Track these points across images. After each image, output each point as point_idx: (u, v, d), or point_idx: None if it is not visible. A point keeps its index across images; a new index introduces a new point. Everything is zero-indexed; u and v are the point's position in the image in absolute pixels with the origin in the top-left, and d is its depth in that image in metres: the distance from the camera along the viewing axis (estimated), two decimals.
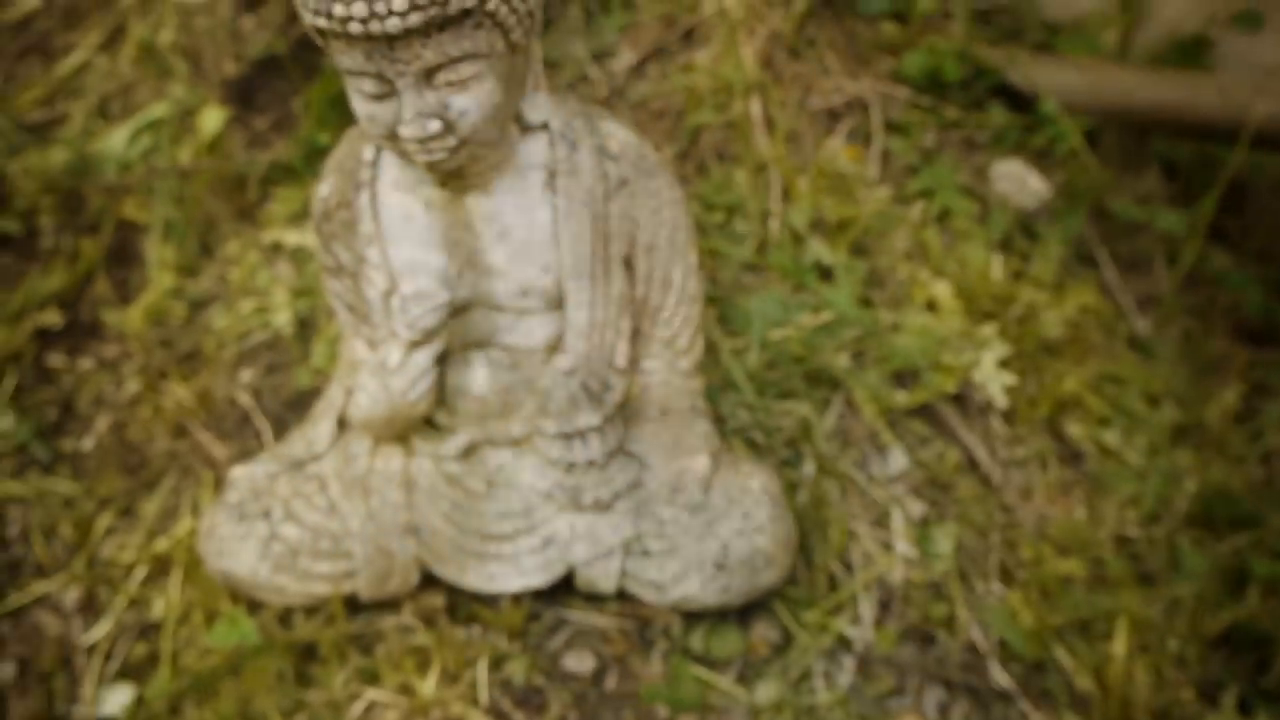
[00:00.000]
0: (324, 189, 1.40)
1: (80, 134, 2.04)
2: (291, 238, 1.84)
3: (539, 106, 1.31)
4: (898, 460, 1.60)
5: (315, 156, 1.85)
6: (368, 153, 1.37)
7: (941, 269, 1.75)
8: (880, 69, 1.97)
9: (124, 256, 1.94)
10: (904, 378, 1.66)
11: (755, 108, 1.84)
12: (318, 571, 1.44)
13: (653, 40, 1.94)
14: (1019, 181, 1.91)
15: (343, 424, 1.50)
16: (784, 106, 1.86)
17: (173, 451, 1.74)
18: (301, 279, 1.81)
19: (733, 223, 1.77)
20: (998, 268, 1.79)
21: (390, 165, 1.36)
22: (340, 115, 1.82)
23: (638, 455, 1.43)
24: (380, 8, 1.09)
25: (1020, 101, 1.98)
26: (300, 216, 1.87)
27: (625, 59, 1.93)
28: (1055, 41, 2.05)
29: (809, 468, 1.57)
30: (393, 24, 1.10)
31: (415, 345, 1.38)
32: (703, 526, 1.38)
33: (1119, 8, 2.09)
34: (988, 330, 1.69)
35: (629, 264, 1.41)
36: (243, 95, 2.03)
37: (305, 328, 1.78)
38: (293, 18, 2.06)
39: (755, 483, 1.40)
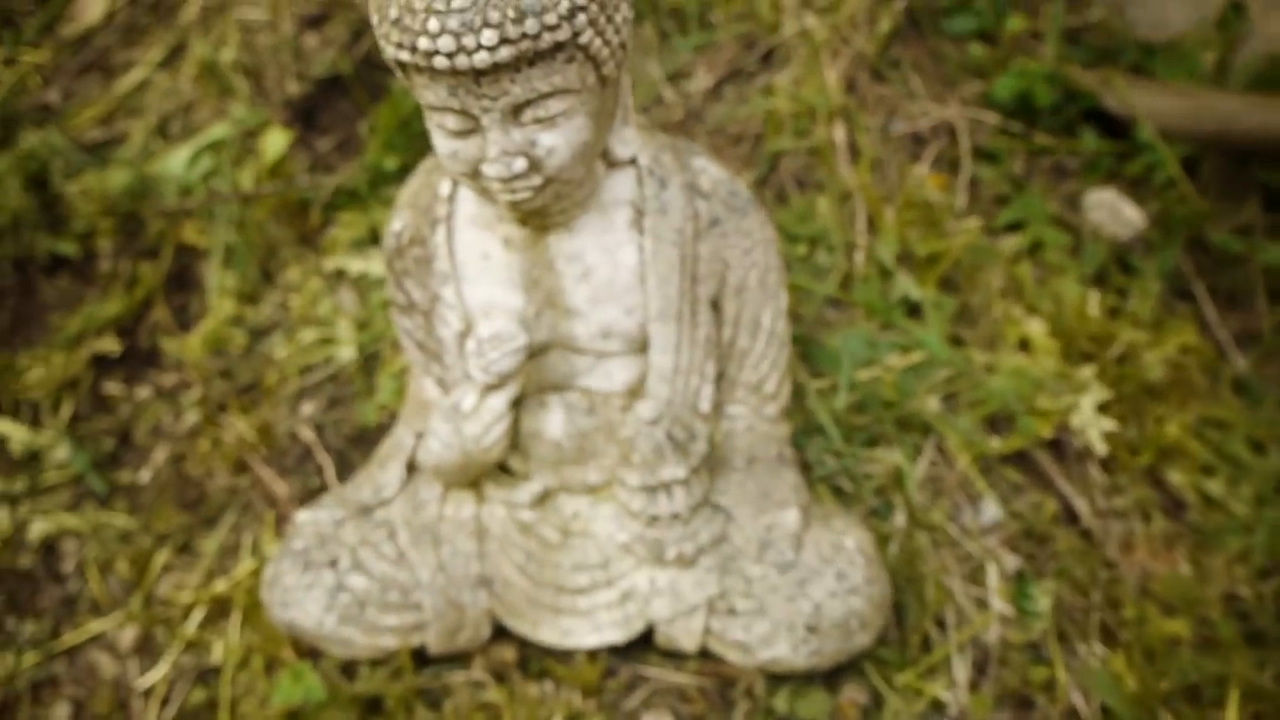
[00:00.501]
0: (397, 224, 1.34)
1: (139, 154, 2.00)
2: (355, 265, 1.78)
3: (627, 141, 1.24)
4: (991, 510, 1.52)
5: (381, 182, 1.79)
6: (444, 187, 1.30)
7: (1035, 306, 1.67)
8: (967, 92, 1.88)
9: (183, 282, 1.89)
10: (997, 422, 1.58)
11: (839, 133, 1.76)
12: (386, 624, 1.37)
13: (730, 61, 1.86)
14: (1113, 211, 1.82)
15: (411, 468, 1.43)
16: (867, 132, 1.77)
17: (232, 487, 1.68)
18: (365, 308, 1.75)
19: (815, 255, 1.69)
20: (1093, 304, 1.70)
21: (467, 200, 1.30)
22: (408, 140, 1.76)
23: (723, 508, 1.35)
24: (468, 41, 1.02)
25: (1114, 127, 1.89)
26: (364, 243, 1.80)
27: (701, 80, 1.86)
28: (1151, 63, 1.95)
29: (900, 518, 1.48)
30: (481, 59, 1.03)
31: (490, 389, 1.32)
32: (794, 586, 1.30)
33: (1217, 26, 1.99)
34: (1085, 372, 1.60)
35: (716, 305, 1.33)
36: (305, 115, 1.97)
37: (369, 360, 1.72)
38: (357, 35, 2.00)
39: (850, 540, 1.32)
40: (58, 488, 1.77)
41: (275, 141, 1.83)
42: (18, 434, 1.81)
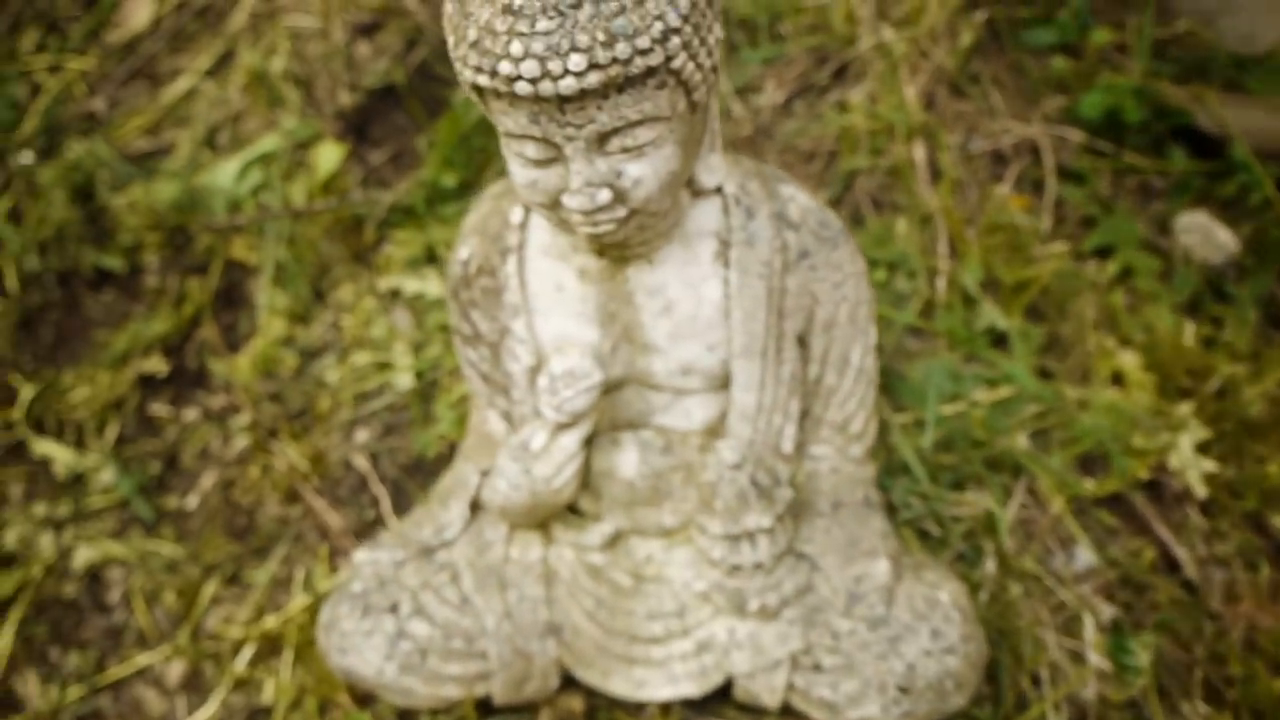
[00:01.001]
0: (464, 252, 1.27)
1: (186, 165, 1.93)
2: (410, 285, 1.71)
3: (714, 169, 1.16)
4: (1085, 556, 1.43)
5: (439, 199, 1.72)
6: (515, 214, 1.23)
7: (1127, 336, 1.58)
8: (1049, 108, 1.79)
9: (232, 299, 1.83)
10: (1091, 462, 1.49)
11: (919, 152, 1.68)
12: (448, 673, 1.30)
13: (801, 75, 1.78)
14: (1205, 235, 1.73)
15: (475, 506, 1.36)
16: (948, 150, 1.69)
17: (283, 517, 1.62)
18: (421, 331, 1.68)
19: (894, 281, 1.61)
20: (1188, 334, 1.61)
21: (540, 229, 1.22)
22: (468, 156, 1.69)
23: (808, 556, 1.27)
24: (554, 66, 0.95)
25: (1205, 145, 1.80)
26: (419, 262, 1.73)
27: (771, 95, 1.78)
28: (1243, 78, 1.85)
29: (990, 565, 1.40)
30: (567, 85, 0.96)
31: (562, 427, 1.25)
32: (885, 644, 1.22)
33: None
34: (1183, 409, 1.51)
35: (802, 341, 1.25)
36: (357, 127, 1.90)
37: (426, 385, 1.65)
38: (411, 44, 1.93)
39: (944, 595, 1.24)
40: (103, 512, 1.71)
41: (329, 156, 1.76)
42: (62, 455, 1.75)
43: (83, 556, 1.66)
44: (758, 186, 1.19)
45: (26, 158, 1.99)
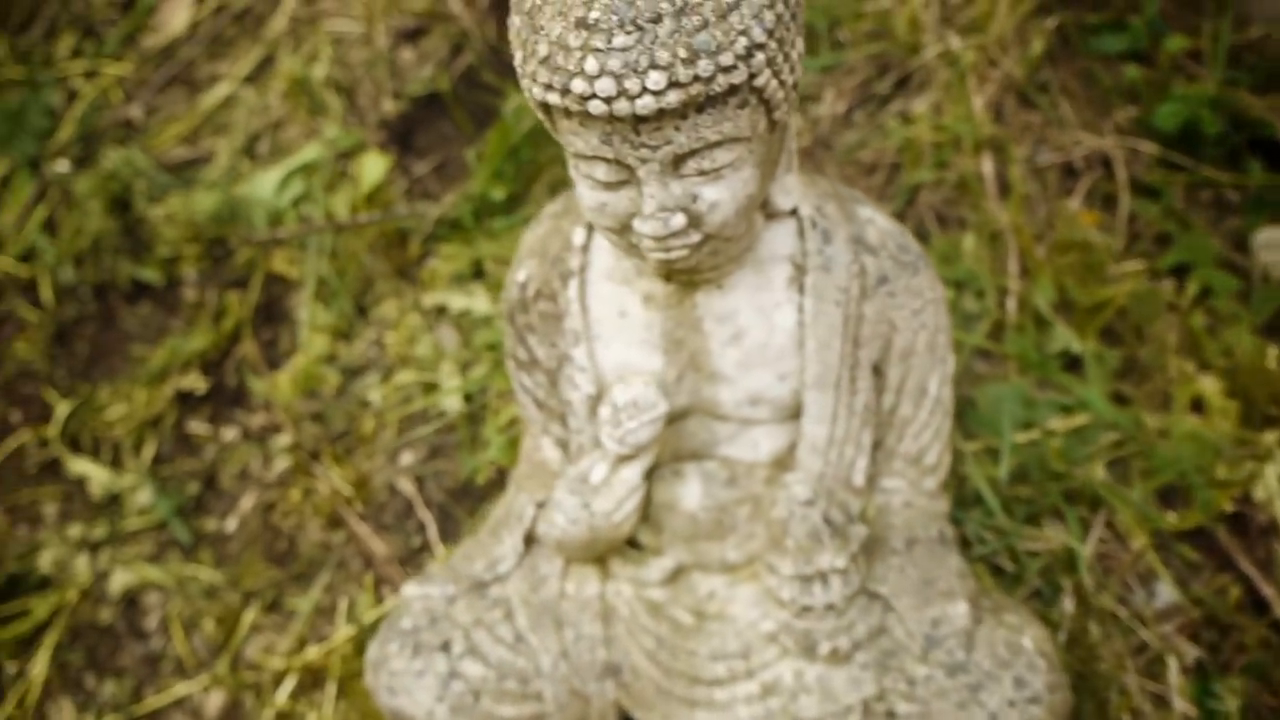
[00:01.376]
0: (521, 274, 1.21)
1: (225, 175, 1.88)
2: (457, 301, 1.65)
3: (789, 190, 1.09)
4: (1166, 593, 1.36)
5: (487, 212, 1.67)
6: (577, 236, 1.17)
7: (1208, 360, 1.50)
8: (1121, 118, 1.71)
9: (272, 315, 1.77)
10: (1171, 494, 1.42)
11: (986, 165, 1.61)
12: (502, 715, 1.24)
13: (862, 85, 1.71)
14: None
15: (529, 539, 1.30)
16: (1017, 163, 1.62)
17: (325, 542, 1.56)
18: (469, 350, 1.62)
19: (962, 300, 1.54)
20: (1271, 358, 1.53)
21: (603, 251, 1.16)
22: (518, 168, 1.63)
23: (882, 596, 1.21)
24: (631, 85, 0.89)
25: None
26: (466, 278, 1.68)
27: (831, 105, 1.71)
28: None
29: (1068, 603, 1.33)
30: (645, 104, 0.89)
31: (623, 460, 1.18)
32: (965, 692, 1.15)
33: None
34: (1268, 437, 1.44)
35: (877, 370, 1.19)
36: (401, 136, 1.85)
37: (474, 406, 1.59)
38: (457, 50, 1.88)
39: (1028, 640, 1.17)
40: (140, 534, 1.66)
41: (373, 167, 1.70)
42: (98, 475, 1.71)
43: (119, 580, 1.61)
44: (835, 208, 1.13)
45: (62, 166, 1.94)
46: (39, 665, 1.57)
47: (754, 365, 1.15)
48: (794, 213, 1.12)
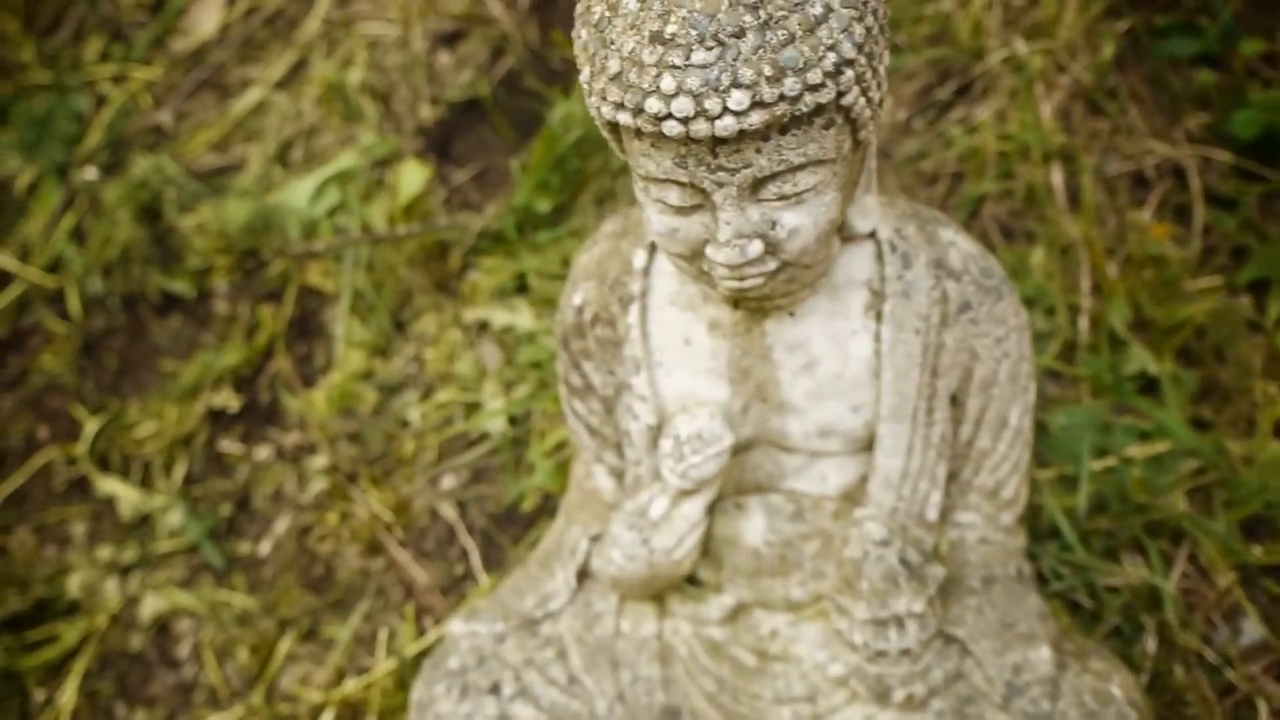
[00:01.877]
0: (578, 298, 1.14)
1: (257, 184, 1.82)
2: (500, 317, 1.58)
3: (868, 212, 1.02)
4: (1253, 631, 1.29)
5: (531, 224, 1.60)
6: (638, 258, 1.10)
7: None
8: (1193, 125, 1.63)
9: (306, 329, 1.71)
10: (1256, 525, 1.35)
11: (1056, 176, 1.53)
12: None
13: (922, 91, 1.64)
14: None
15: (582, 574, 1.23)
16: (1088, 173, 1.54)
17: (364, 569, 1.50)
18: (513, 368, 1.55)
19: (1031, 318, 1.46)
20: None
21: (666, 275, 1.10)
22: (564, 179, 1.56)
23: (958, 640, 1.14)
24: (712, 105, 0.82)
25: None
26: (509, 292, 1.61)
27: (889, 112, 1.64)
28: None
29: (1149, 643, 1.26)
30: (725, 125, 0.83)
31: (685, 494, 1.12)
32: None
33: None
34: None
35: (955, 400, 1.12)
36: (439, 144, 1.79)
37: (519, 428, 1.52)
38: (497, 54, 1.81)
39: (1116, 689, 1.10)
40: (171, 557, 1.61)
41: (412, 177, 1.64)
42: (128, 495, 1.65)
43: (150, 606, 1.56)
44: (915, 230, 1.06)
45: (90, 174, 1.89)
46: (68, 693, 1.52)
47: (826, 396, 1.09)
48: (872, 235, 1.05)
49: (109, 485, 1.66)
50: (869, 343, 1.07)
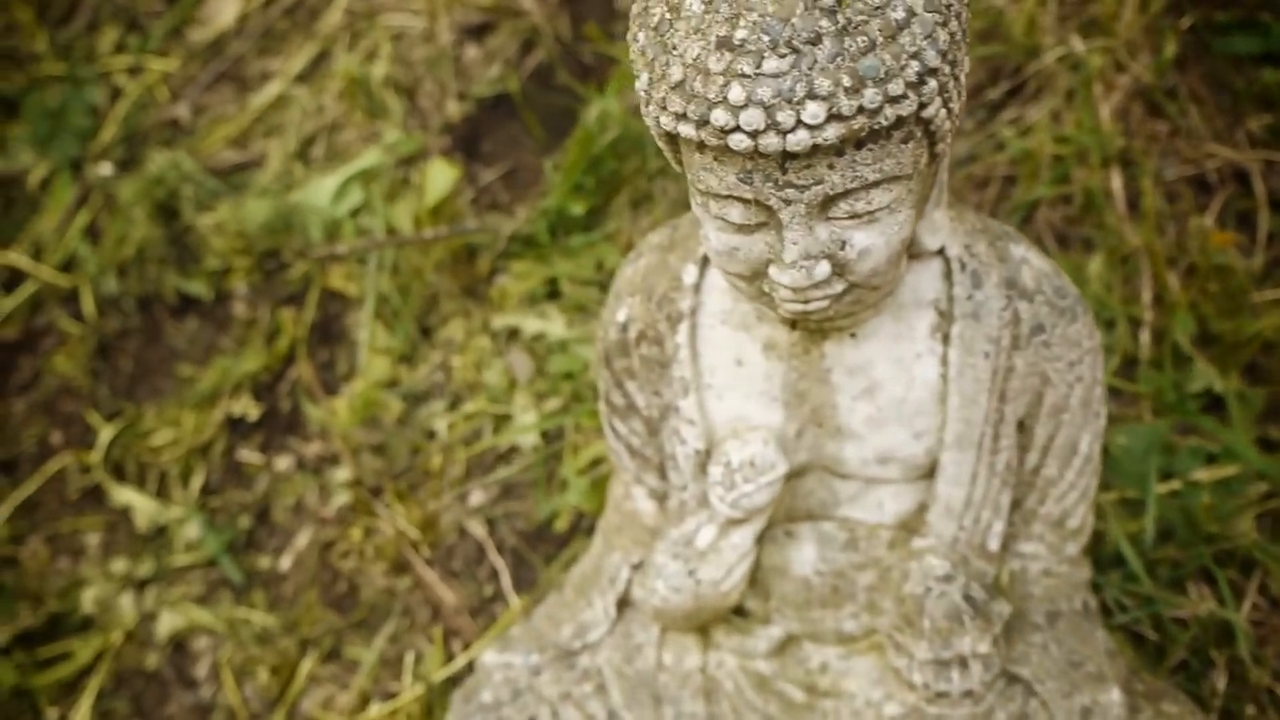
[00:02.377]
0: (622, 314, 1.08)
1: (277, 181, 1.76)
2: (530, 324, 1.52)
3: (938, 228, 0.96)
4: None
5: (564, 228, 1.53)
6: (688, 274, 1.03)
7: None
8: (1255, 127, 1.56)
9: (329, 335, 1.65)
10: None
11: (1115, 180, 1.46)
12: None
13: (972, 91, 1.57)
14: None
15: (622, 602, 1.17)
16: (1149, 178, 1.47)
17: (390, 588, 1.45)
18: (544, 379, 1.49)
19: None
20: None
21: (717, 293, 1.03)
22: (599, 181, 1.50)
23: (1023, 679, 1.07)
24: (784, 118, 0.75)
25: None
26: (539, 298, 1.55)
27: None
28: None
29: (1219, 679, 1.19)
30: (798, 140, 0.76)
31: (734, 523, 1.06)
32: None
33: None
34: None
35: (1022, 425, 1.05)
36: (467, 141, 1.72)
37: (550, 441, 1.46)
38: (527, 48, 1.75)
39: None
40: (188, 571, 1.55)
41: (440, 177, 1.57)
42: (143, 505, 1.60)
43: (167, 623, 1.50)
44: (985, 247, 0.99)
45: (105, 170, 1.83)
46: (81, 713, 1.47)
47: (887, 422, 1.02)
48: (940, 252, 0.98)
49: (124, 495, 1.61)
50: (935, 366, 1.00)
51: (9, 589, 1.57)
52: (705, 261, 1.03)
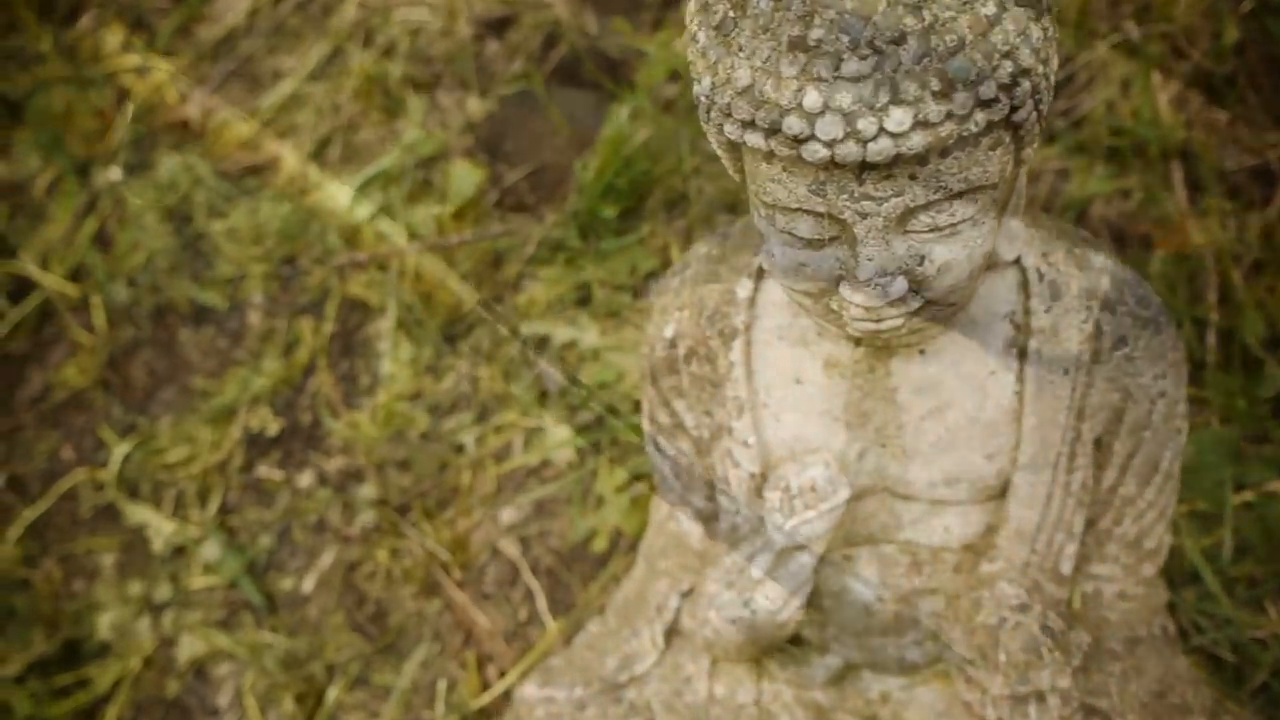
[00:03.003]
0: (670, 330, 1.01)
1: (292, 184, 1.69)
2: (561, 332, 1.45)
3: (1014, 237, 0.89)
4: None
5: (594, 231, 1.47)
6: (743, 288, 0.97)
7: None
8: None
9: (350, 344, 1.59)
10: None
11: (1176, 173, 1.39)
12: None
13: None
14: None
15: (670, 632, 1.11)
16: (1212, 169, 1.40)
17: (419, 611, 1.39)
18: (575, 389, 1.42)
19: None
20: None
21: (774, 307, 0.97)
22: (631, 183, 1.43)
23: (1102, 712, 1.01)
24: (865, 125, 0.69)
25: None
26: (568, 304, 1.48)
27: None
28: None
29: None
30: (880, 148, 0.70)
31: (792, 550, 0.99)
32: None
33: None
34: None
35: (1098, 443, 0.99)
36: (489, 141, 1.65)
37: (584, 457, 1.40)
38: (550, 42, 1.68)
39: None
40: (207, 594, 1.49)
41: (464, 179, 1.51)
42: (159, 524, 1.53)
43: (187, 648, 1.44)
44: (1063, 256, 0.93)
45: (114, 174, 1.76)
46: None
47: (957, 442, 0.96)
48: (1016, 262, 0.92)
49: (139, 514, 1.55)
50: (1010, 384, 0.93)
51: (22, 613, 1.52)
52: (760, 273, 0.97)
